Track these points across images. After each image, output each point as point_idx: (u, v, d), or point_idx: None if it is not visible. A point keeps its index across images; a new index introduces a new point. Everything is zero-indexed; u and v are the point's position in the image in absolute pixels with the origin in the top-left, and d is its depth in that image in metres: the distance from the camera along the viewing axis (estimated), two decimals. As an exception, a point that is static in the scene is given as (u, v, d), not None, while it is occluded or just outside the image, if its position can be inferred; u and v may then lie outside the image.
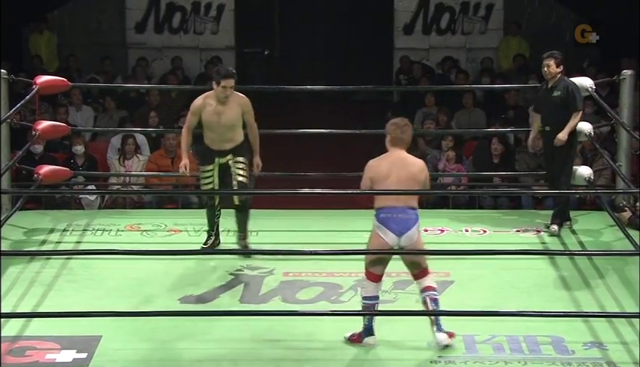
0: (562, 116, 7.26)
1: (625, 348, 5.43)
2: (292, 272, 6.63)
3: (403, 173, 5.48)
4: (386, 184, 5.46)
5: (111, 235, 7.51)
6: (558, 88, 7.27)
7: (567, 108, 7.26)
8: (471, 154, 10.02)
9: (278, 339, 5.61)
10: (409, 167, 5.51)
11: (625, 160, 7.67)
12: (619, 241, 6.99)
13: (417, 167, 5.53)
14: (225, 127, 6.89)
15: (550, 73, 7.30)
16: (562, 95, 7.24)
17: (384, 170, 5.50)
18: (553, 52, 7.40)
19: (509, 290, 6.28)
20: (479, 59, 13.27)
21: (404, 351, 5.48)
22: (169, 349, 5.49)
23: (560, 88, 7.26)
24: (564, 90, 7.25)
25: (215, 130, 6.91)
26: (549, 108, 7.33)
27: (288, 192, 6.98)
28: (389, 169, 5.49)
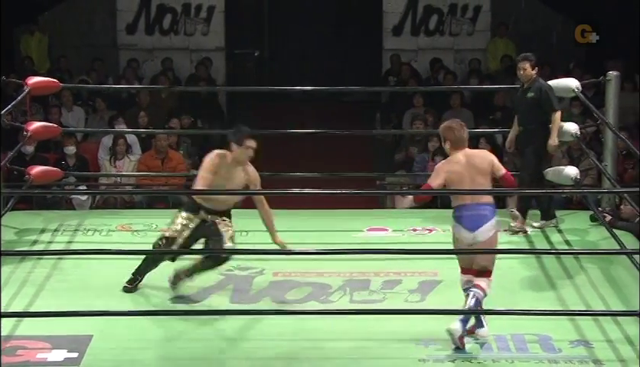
0: (535, 117, 7.29)
1: (611, 346, 5.45)
2: (282, 272, 6.63)
3: (474, 172, 5.59)
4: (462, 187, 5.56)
5: (102, 235, 7.49)
6: (532, 89, 7.30)
7: (541, 109, 7.28)
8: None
9: (267, 338, 5.60)
10: (478, 165, 5.62)
11: (610, 160, 7.69)
12: (605, 241, 7.01)
13: (485, 161, 5.65)
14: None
15: (525, 76, 7.32)
16: (535, 96, 7.27)
17: (457, 176, 5.57)
18: (527, 54, 7.43)
19: (496, 290, 6.25)
20: (467, 60, 13.30)
21: (393, 349, 5.48)
22: (160, 348, 5.49)
23: (534, 89, 7.30)
24: (537, 91, 7.28)
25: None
26: (523, 109, 7.36)
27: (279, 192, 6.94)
28: (461, 173, 5.57)
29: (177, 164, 9.52)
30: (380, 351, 5.46)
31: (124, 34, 13.42)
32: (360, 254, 6.72)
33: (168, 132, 9.88)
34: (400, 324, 5.69)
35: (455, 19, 13.48)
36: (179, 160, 9.61)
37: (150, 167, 9.37)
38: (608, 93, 7.68)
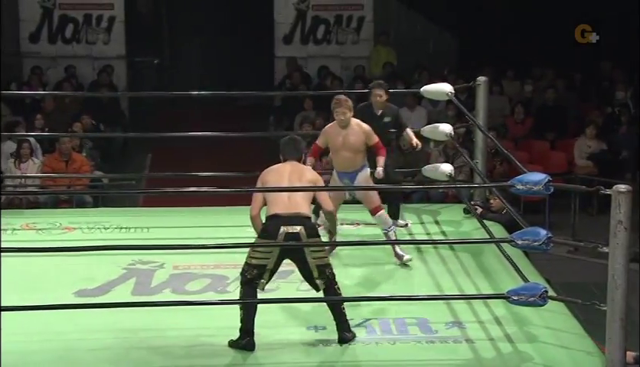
0: (392, 136, 7.38)
1: (482, 326, 5.57)
2: (181, 265, 6.57)
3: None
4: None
5: (7, 234, 7.26)
6: (388, 114, 7.35)
7: (395, 129, 7.38)
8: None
9: (169, 327, 5.54)
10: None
11: (481, 158, 7.85)
12: (477, 231, 7.17)
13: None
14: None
15: (380, 102, 7.33)
16: (392, 121, 7.36)
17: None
18: (380, 82, 7.53)
19: (380, 278, 6.37)
20: (352, 66, 13.45)
21: (285, 335, 5.48)
22: (64, 340, 5.37)
23: (390, 114, 7.36)
24: (395, 117, 7.37)
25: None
26: (379, 129, 7.33)
27: (182, 191, 6.86)
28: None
29: (81, 165, 9.37)
30: (273, 337, 5.45)
31: (27, 42, 13.11)
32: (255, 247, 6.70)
33: (71, 135, 9.69)
34: (291, 312, 5.72)
35: (340, 29, 13.62)
36: (83, 161, 9.47)
37: (55, 168, 9.19)
38: (478, 97, 7.84)
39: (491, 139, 7.52)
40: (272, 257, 5.26)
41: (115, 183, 9.94)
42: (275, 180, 5.43)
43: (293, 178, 5.43)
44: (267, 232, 5.29)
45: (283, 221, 5.22)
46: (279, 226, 5.23)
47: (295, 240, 5.23)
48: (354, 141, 6.50)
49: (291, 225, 5.23)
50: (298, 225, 5.24)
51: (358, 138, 6.49)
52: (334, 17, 13.58)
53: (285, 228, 5.23)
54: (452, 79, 10.80)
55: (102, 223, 7.53)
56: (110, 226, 7.48)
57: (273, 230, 5.24)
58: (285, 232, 5.23)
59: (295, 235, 5.23)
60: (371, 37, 13.69)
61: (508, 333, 5.48)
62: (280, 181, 5.41)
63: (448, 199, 9.15)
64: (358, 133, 6.50)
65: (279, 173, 5.47)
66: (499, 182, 8.13)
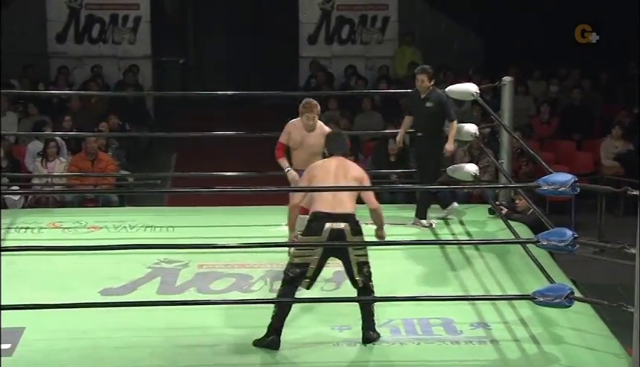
0: (432, 124, 7.37)
1: (507, 327, 5.55)
2: (206, 264, 6.58)
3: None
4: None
5: (34, 232, 7.33)
6: (431, 99, 7.35)
7: (438, 117, 7.36)
8: (370, 154, 10.12)
9: (193, 326, 5.56)
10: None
11: (506, 158, 7.82)
12: (502, 232, 7.13)
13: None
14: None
15: (423, 87, 7.36)
16: (434, 106, 7.34)
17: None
18: (424, 67, 7.49)
19: (405, 278, 6.35)
20: (377, 66, 13.43)
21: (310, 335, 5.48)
22: (90, 338, 5.40)
23: (433, 99, 7.35)
24: (437, 102, 7.35)
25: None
26: (422, 116, 7.40)
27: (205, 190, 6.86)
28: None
29: (107, 164, 9.41)
30: (298, 336, 5.46)
31: (54, 42, 13.20)
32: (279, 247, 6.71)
33: (97, 135, 9.74)
34: (316, 311, 5.71)
35: (365, 29, 13.61)
36: (109, 160, 9.51)
37: (81, 168, 9.24)
38: (503, 97, 7.80)
39: (516, 139, 7.48)
40: (316, 255, 5.24)
41: (141, 182, 9.98)
42: (321, 176, 5.40)
43: (339, 174, 5.41)
44: (311, 229, 5.26)
45: (328, 218, 5.21)
46: (323, 223, 5.22)
47: (339, 237, 5.21)
48: (313, 143, 6.50)
49: (336, 222, 5.21)
50: (343, 222, 5.22)
51: (317, 140, 6.46)
52: (359, 17, 13.57)
53: (330, 225, 5.22)
54: (477, 79, 10.74)
55: (128, 222, 7.57)
56: (136, 225, 7.52)
57: (318, 227, 5.22)
58: (330, 228, 5.21)
59: (339, 232, 5.22)
60: (396, 37, 13.66)
61: (534, 334, 5.45)
62: (326, 177, 5.38)
63: (473, 199, 9.11)
64: (319, 136, 6.47)
65: (325, 169, 5.44)
66: (525, 182, 8.09)
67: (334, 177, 5.38)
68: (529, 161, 9.82)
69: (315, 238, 5.23)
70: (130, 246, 6.46)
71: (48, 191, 9.12)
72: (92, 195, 9.25)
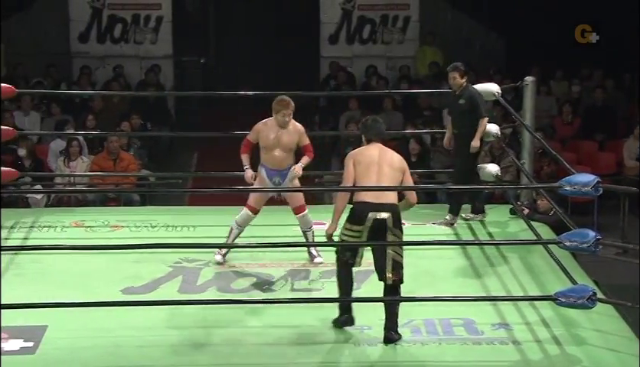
0: (467, 121, 7.36)
1: (529, 328, 5.53)
2: (227, 263, 6.60)
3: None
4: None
5: (57, 231, 7.38)
6: (463, 96, 7.36)
7: (471, 114, 7.35)
8: (391, 154, 10.07)
9: (214, 326, 5.58)
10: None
11: (528, 159, 7.79)
12: (523, 232, 7.10)
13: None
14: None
15: (455, 84, 7.39)
16: (466, 103, 7.34)
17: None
18: (456, 64, 7.49)
19: (425, 278, 6.33)
20: (398, 66, 13.40)
21: (330, 335, 5.49)
22: (111, 336, 5.42)
23: (465, 96, 7.36)
24: (468, 99, 7.34)
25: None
26: (456, 113, 7.45)
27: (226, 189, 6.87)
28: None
29: (129, 164, 9.45)
30: (319, 336, 5.46)
31: (77, 42, 13.27)
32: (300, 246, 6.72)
33: (120, 134, 9.79)
34: (337, 311, 5.70)
35: (386, 29, 13.58)
36: (130, 160, 9.54)
37: (103, 167, 9.28)
38: (525, 97, 7.78)
39: (538, 139, 7.45)
40: (362, 239, 5.41)
41: (162, 181, 10.01)
42: (366, 164, 5.50)
43: (383, 162, 5.51)
44: (355, 217, 5.42)
45: (371, 207, 5.35)
46: (367, 212, 5.36)
47: (382, 227, 5.36)
48: (287, 141, 6.52)
49: (379, 212, 5.34)
50: (386, 212, 5.36)
51: (292, 138, 6.51)
52: (380, 16, 13.54)
53: (373, 214, 5.35)
54: (498, 79, 10.70)
55: (150, 221, 7.60)
56: (157, 225, 7.55)
57: (362, 216, 5.37)
58: (374, 218, 5.36)
59: (382, 221, 5.36)
60: (417, 37, 13.62)
61: (556, 335, 5.42)
62: (371, 165, 5.49)
63: (495, 199, 9.07)
64: (292, 133, 6.52)
65: (368, 157, 5.53)
66: (547, 183, 8.05)
67: (378, 165, 5.49)
68: (551, 162, 9.77)
69: (358, 226, 5.38)
70: (152, 245, 6.51)
71: (71, 190, 9.17)
72: (114, 194, 9.29)
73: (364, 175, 5.45)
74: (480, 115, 7.33)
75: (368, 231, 5.38)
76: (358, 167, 5.49)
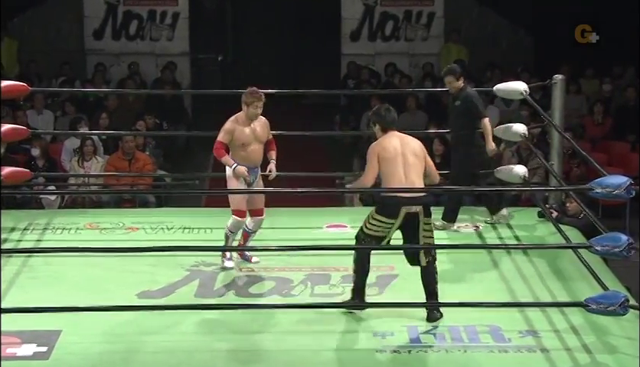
0: (462, 123, 7.36)
1: (557, 335, 5.50)
2: (245, 267, 6.61)
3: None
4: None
5: (71, 233, 7.42)
6: (459, 98, 7.36)
7: (468, 116, 7.33)
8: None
9: (232, 331, 5.59)
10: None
11: (557, 160, 7.76)
12: (552, 236, 7.07)
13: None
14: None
15: (452, 88, 7.39)
16: (462, 105, 7.33)
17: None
18: (449, 68, 7.50)
19: (450, 283, 6.31)
20: (421, 64, 13.37)
21: (352, 341, 5.49)
22: (126, 342, 5.44)
23: (461, 98, 7.36)
24: (464, 100, 7.34)
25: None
26: (452, 115, 7.44)
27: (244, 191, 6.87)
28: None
29: (145, 164, 9.48)
30: (340, 343, 5.46)
31: (91, 39, 13.34)
32: (320, 250, 6.73)
33: (135, 134, 9.82)
34: (358, 316, 5.71)
35: (410, 25, 13.56)
36: (146, 160, 9.57)
37: (118, 167, 9.32)
38: (554, 96, 7.74)
39: (567, 140, 7.41)
40: (390, 232, 5.63)
41: (179, 182, 10.05)
42: (391, 158, 5.63)
43: (407, 152, 5.67)
44: (387, 210, 5.59)
45: (404, 201, 5.55)
46: (400, 206, 5.55)
47: (414, 220, 5.57)
48: (262, 133, 6.58)
49: (411, 205, 5.56)
50: (418, 205, 5.56)
51: (264, 130, 6.60)
52: (404, 12, 13.52)
53: (407, 208, 5.56)
54: (525, 78, 10.63)
55: (166, 223, 7.63)
56: (173, 227, 7.58)
57: (394, 211, 5.55)
58: (406, 212, 5.56)
59: (415, 215, 5.58)
60: (442, 34, 13.60)
61: (586, 343, 5.39)
62: (396, 158, 5.64)
63: (522, 202, 9.04)
64: (263, 125, 6.61)
65: (393, 150, 5.66)
66: (576, 185, 8.01)
67: (402, 157, 5.64)
68: (581, 163, 9.72)
69: (390, 219, 5.57)
70: (168, 248, 6.52)
71: (85, 191, 9.21)
72: (129, 195, 9.33)
73: (391, 170, 5.60)
74: (479, 116, 7.32)
75: (400, 223, 5.58)
76: (383, 162, 5.61)
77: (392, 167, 5.60)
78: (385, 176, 5.62)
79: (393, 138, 5.71)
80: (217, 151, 6.53)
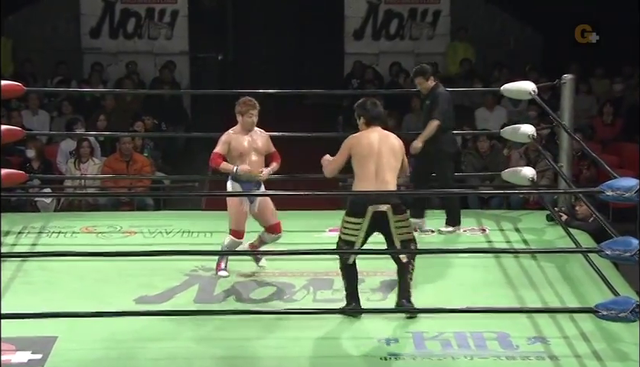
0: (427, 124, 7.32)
1: (567, 342, 5.50)
2: (246, 272, 6.61)
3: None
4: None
5: (67, 237, 7.43)
6: (429, 97, 7.36)
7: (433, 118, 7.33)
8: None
9: (232, 337, 5.58)
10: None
11: (566, 161, 7.75)
12: (561, 240, 7.07)
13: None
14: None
15: (423, 88, 7.39)
16: (430, 104, 7.32)
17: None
18: (417, 69, 7.50)
19: (456, 288, 6.32)
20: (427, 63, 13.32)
21: (356, 348, 5.48)
22: (124, 348, 5.44)
23: (431, 98, 7.35)
24: (432, 99, 7.32)
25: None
26: (424, 115, 7.42)
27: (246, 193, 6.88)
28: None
29: (143, 166, 9.49)
30: (343, 349, 5.46)
31: (88, 37, 13.34)
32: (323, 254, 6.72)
33: (133, 135, 9.83)
34: (362, 323, 5.71)
35: (415, 23, 13.54)
36: (144, 162, 9.57)
37: (115, 169, 9.33)
38: (563, 96, 7.74)
39: (577, 141, 7.41)
40: (360, 233, 5.64)
41: (178, 185, 10.05)
42: (365, 155, 5.66)
43: (383, 149, 5.69)
44: (354, 209, 5.64)
45: (371, 199, 5.57)
46: (366, 206, 5.59)
47: (382, 219, 5.59)
48: (261, 144, 6.56)
49: (377, 204, 5.57)
50: (386, 203, 5.58)
51: (264, 141, 6.57)
52: (408, 10, 13.50)
53: (373, 207, 5.58)
54: (534, 77, 10.62)
55: (164, 227, 7.64)
56: (172, 230, 7.58)
57: (361, 208, 5.60)
58: (373, 211, 5.59)
59: (382, 214, 5.59)
60: (448, 32, 13.58)
61: (596, 350, 5.39)
62: (370, 155, 5.66)
63: (530, 205, 9.04)
64: (262, 136, 6.57)
65: (368, 147, 5.69)
66: (586, 187, 8.00)
67: (377, 156, 5.67)
68: (591, 165, 9.72)
69: (357, 219, 5.61)
70: (166, 252, 6.54)
71: (81, 194, 9.22)
72: (127, 198, 9.34)
73: (362, 167, 5.64)
74: (432, 116, 7.28)
75: (368, 223, 5.59)
76: (355, 158, 5.68)
77: (363, 163, 5.64)
78: (356, 173, 5.69)
79: (373, 133, 5.73)
80: (214, 161, 6.50)
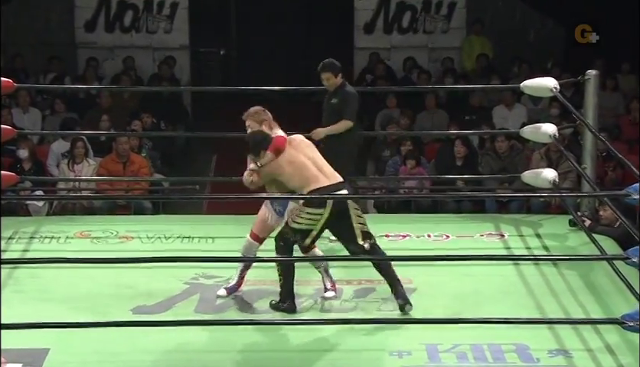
0: (337, 122, 7.30)
1: (591, 355, 5.49)
2: (250, 281, 6.61)
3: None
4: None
5: (60, 242, 7.45)
6: (337, 95, 7.34)
7: (340, 116, 7.31)
8: (433, 157, 10.08)
9: (235, 349, 5.60)
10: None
11: (590, 163, 7.73)
12: (584, 246, 7.07)
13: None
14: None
15: (330, 84, 7.37)
16: (338, 103, 7.31)
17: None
18: (325, 64, 7.43)
19: (472, 297, 6.31)
20: (441, 58, 13.35)
21: (366, 360, 5.49)
22: (120, 361, 5.46)
23: (339, 96, 7.34)
24: (341, 98, 7.32)
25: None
26: (327, 112, 7.39)
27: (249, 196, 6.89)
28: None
29: (140, 167, 9.49)
30: (353, 362, 5.47)
31: (82, 31, 13.37)
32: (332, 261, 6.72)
33: (130, 134, 9.84)
34: (373, 334, 5.71)
35: (429, 16, 13.55)
36: (142, 163, 9.58)
37: (111, 171, 9.34)
38: (587, 93, 7.72)
39: (602, 141, 7.39)
40: (320, 223, 5.95)
41: (178, 187, 10.07)
42: (300, 159, 6.05)
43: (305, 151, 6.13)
44: (315, 202, 5.94)
45: (331, 189, 5.97)
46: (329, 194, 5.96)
47: (343, 207, 5.93)
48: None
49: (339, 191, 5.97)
50: (345, 189, 6.04)
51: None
52: (422, 2, 13.49)
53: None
54: (556, 73, 10.65)
55: (163, 232, 7.65)
56: (171, 236, 7.60)
57: (322, 201, 5.93)
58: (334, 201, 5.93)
59: (343, 203, 5.94)
60: (464, 26, 13.58)
61: (622, 364, 5.39)
62: (297, 155, 6.08)
63: (552, 209, 9.03)
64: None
65: (291, 160, 6.07)
66: (611, 190, 7.99)
67: (304, 156, 6.07)
68: (616, 166, 9.70)
69: (320, 209, 5.90)
70: (165, 259, 6.53)
71: (75, 197, 9.23)
72: (123, 201, 9.35)
73: (302, 168, 6.00)
74: (345, 116, 7.26)
75: (330, 212, 5.89)
76: (291, 166, 6.01)
77: (301, 165, 6.00)
78: (300, 179, 5.98)
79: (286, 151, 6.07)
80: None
